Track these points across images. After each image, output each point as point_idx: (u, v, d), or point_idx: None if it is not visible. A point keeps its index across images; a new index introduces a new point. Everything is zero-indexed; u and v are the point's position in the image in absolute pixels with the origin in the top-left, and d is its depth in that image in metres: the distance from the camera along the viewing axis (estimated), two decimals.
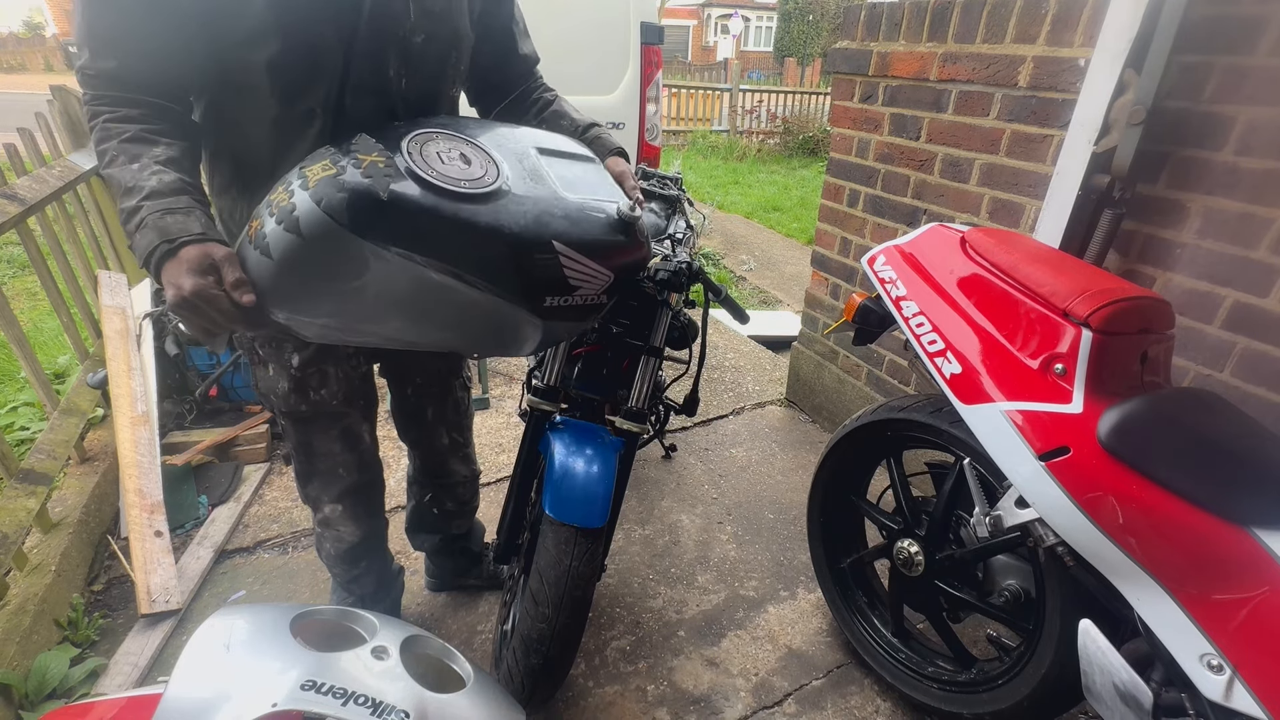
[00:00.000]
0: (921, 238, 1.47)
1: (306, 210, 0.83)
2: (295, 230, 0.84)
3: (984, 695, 1.43)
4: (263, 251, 0.86)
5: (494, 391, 2.94)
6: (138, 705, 0.85)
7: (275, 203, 0.87)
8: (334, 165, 0.86)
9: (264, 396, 1.32)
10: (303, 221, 0.83)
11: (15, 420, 2.47)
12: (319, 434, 1.36)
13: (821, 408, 2.82)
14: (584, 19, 3.19)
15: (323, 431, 1.36)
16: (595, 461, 1.37)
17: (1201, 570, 0.99)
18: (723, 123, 11.18)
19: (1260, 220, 1.42)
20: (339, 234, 0.84)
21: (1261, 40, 1.36)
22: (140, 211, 0.87)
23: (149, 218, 0.87)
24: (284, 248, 0.84)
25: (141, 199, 0.87)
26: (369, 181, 0.85)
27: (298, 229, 0.83)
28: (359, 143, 0.91)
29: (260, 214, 0.89)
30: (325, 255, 0.86)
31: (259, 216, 0.89)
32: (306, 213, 0.83)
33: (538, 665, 1.31)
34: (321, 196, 0.83)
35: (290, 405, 1.30)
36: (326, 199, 0.83)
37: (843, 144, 2.48)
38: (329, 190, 0.84)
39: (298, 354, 1.24)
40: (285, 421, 1.34)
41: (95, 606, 1.77)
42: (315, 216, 0.83)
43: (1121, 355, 1.14)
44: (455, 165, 0.93)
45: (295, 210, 0.84)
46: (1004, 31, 1.82)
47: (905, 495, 1.60)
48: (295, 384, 1.27)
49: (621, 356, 1.58)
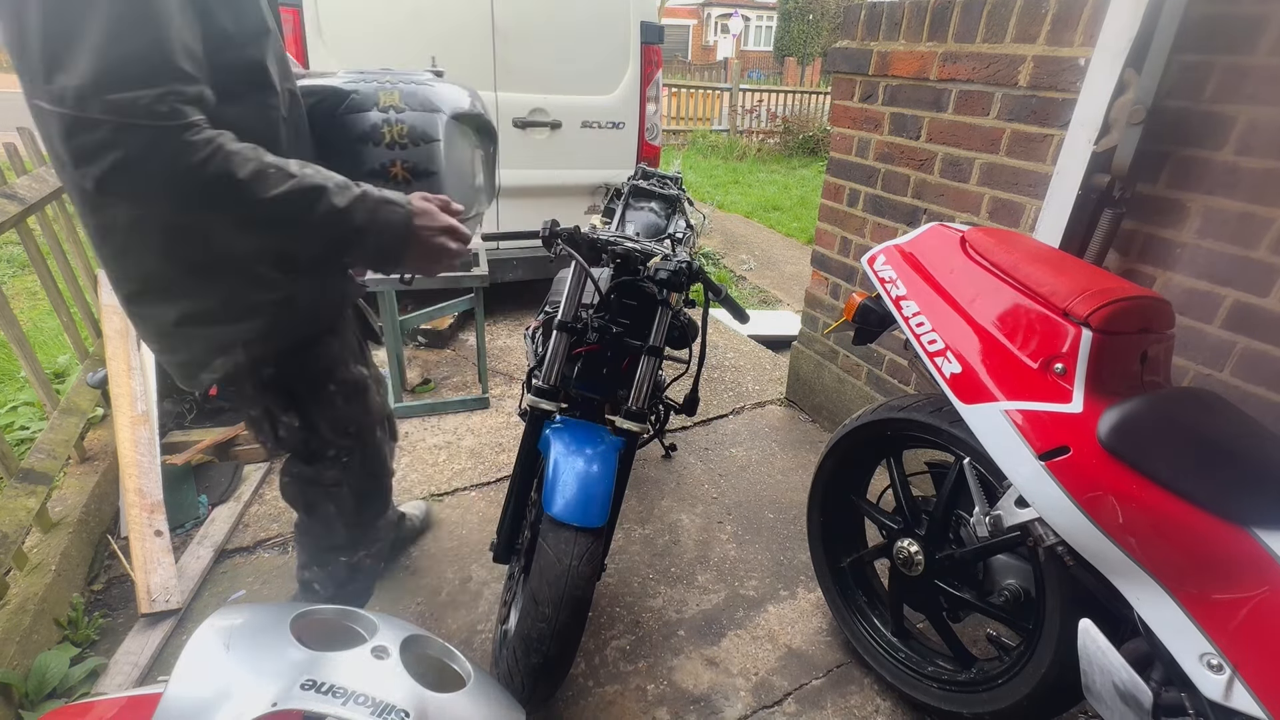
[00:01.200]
0: (921, 237, 1.47)
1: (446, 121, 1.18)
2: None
3: (984, 695, 1.43)
4: (424, 173, 1.15)
5: (494, 391, 2.94)
6: (138, 705, 0.85)
7: (404, 136, 1.14)
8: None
9: (343, 433, 1.28)
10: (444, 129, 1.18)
11: (15, 420, 2.47)
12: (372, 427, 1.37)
13: (821, 407, 2.82)
14: (584, 18, 3.19)
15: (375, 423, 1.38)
16: (595, 461, 1.37)
17: (1201, 570, 0.99)
18: (723, 122, 11.18)
19: (1260, 220, 1.41)
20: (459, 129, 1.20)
21: (1262, 39, 1.36)
22: (367, 196, 0.96)
23: (374, 196, 0.97)
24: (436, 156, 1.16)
25: (355, 188, 0.95)
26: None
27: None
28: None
29: (391, 158, 1.14)
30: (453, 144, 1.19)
31: (390, 160, 1.14)
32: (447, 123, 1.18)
33: (538, 664, 1.30)
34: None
35: (366, 422, 1.30)
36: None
37: (843, 143, 2.48)
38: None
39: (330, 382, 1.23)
40: (357, 443, 1.31)
41: (95, 606, 1.77)
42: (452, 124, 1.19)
43: (1121, 355, 1.14)
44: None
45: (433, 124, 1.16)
46: (1004, 31, 1.82)
47: (905, 495, 1.60)
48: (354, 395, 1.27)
49: (621, 356, 1.58)
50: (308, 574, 1.49)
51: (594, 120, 3.36)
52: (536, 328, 1.90)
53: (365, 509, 1.42)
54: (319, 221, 0.92)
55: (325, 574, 1.47)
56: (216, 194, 0.84)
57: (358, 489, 1.37)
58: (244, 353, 1.07)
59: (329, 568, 1.47)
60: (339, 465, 1.31)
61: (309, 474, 1.31)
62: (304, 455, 1.27)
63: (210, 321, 1.04)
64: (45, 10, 0.72)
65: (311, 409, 1.19)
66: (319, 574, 1.48)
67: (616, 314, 1.54)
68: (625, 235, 1.59)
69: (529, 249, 3.43)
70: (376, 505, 1.46)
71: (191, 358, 1.07)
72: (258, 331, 1.07)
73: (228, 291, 1.03)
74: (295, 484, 1.35)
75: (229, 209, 0.87)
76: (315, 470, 1.31)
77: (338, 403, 1.22)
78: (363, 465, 1.36)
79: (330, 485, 1.33)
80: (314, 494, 1.34)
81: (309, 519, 1.40)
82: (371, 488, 1.42)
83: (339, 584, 1.49)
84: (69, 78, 0.73)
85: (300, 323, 1.12)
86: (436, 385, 3.01)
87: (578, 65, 3.26)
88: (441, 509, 2.23)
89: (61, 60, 0.73)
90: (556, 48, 3.18)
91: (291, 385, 1.15)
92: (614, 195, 2.47)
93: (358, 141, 1.13)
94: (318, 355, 1.17)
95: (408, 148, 1.14)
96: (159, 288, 1.01)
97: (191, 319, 1.03)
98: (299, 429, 1.20)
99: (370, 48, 2.86)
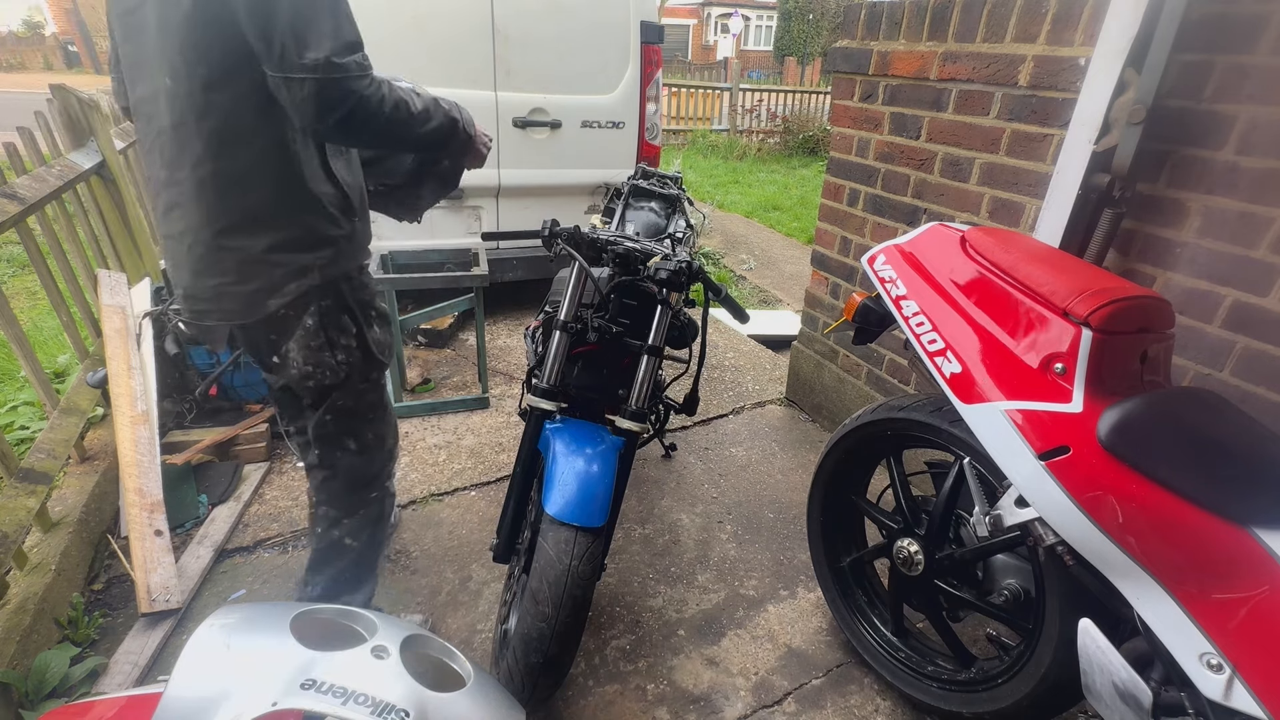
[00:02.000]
0: (921, 237, 1.47)
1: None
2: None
3: (983, 694, 1.43)
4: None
5: (494, 391, 2.94)
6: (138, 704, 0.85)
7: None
8: None
9: (382, 354, 1.45)
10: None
11: (15, 419, 2.47)
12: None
13: (821, 407, 2.82)
14: (584, 18, 3.19)
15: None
16: (595, 461, 1.37)
17: (1201, 569, 0.99)
18: (723, 122, 11.17)
19: (1260, 219, 1.41)
20: None
21: (1262, 39, 1.35)
22: (461, 111, 1.34)
23: (465, 113, 1.34)
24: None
25: (455, 109, 1.32)
26: None
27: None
28: None
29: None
30: None
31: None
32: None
33: (538, 664, 1.31)
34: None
35: (393, 347, 1.53)
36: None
37: (843, 143, 2.48)
38: None
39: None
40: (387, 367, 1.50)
41: (95, 605, 1.77)
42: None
43: (1121, 354, 1.14)
44: None
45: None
46: (1004, 30, 1.82)
47: (905, 494, 1.60)
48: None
49: (621, 356, 1.58)
50: (337, 531, 1.54)
51: (594, 120, 3.36)
52: (536, 327, 1.90)
53: (390, 433, 1.58)
54: (441, 128, 1.28)
55: (359, 519, 1.55)
56: (397, 116, 1.17)
57: (384, 413, 1.55)
58: (319, 275, 1.28)
59: (362, 509, 1.55)
60: (378, 388, 1.50)
61: (351, 404, 1.44)
62: (361, 375, 1.42)
63: (295, 249, 1.25)
64: (292, 6, 1.03)
65: (364, 330, 1.39)
66: (352, 524, 1.54)
67: (616, 314, 1.54)
68: (625, 235, 1.59)
69: (529, 249, 3.43)
70: (394, 431, 1.62)
71: (269, 283, 1.25)
72: (329, 258, 1.29)
73: (310, 225, 1.26)
74: (339, 417, 1.45)
75: (402, 124, 1.20)
76: (359, 395, 1.45)
77: (378, 326, 1.43)
78: (384, 392, 1.54)
79: (368, 410, 1.49)
80: (357, 422, 1.48)
81: (352, 453, 1.50)
82: (390, 412, 1.59)
83: (372, 525, 1.58)
84: (318, 51, 1.03)
85: (356, 253, 1.36)
86: (436, 385, 3.01)
87: (578, 65, 3.26)
88: (441, 509, 2.23)
89: (308, 41, 1.03)
90: (556, 47, 3.18)
91: (349, 309, 1.36)
92: (614, 195, 2.47)
93: None
94: (365, 284, 1.40)
95: None
96: (257, 218, 1.22)
97: (280, 246, 1.24)
98: (355, 349, 1.38)
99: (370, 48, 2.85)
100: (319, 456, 1.49)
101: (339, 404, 1.43)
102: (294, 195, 1.23)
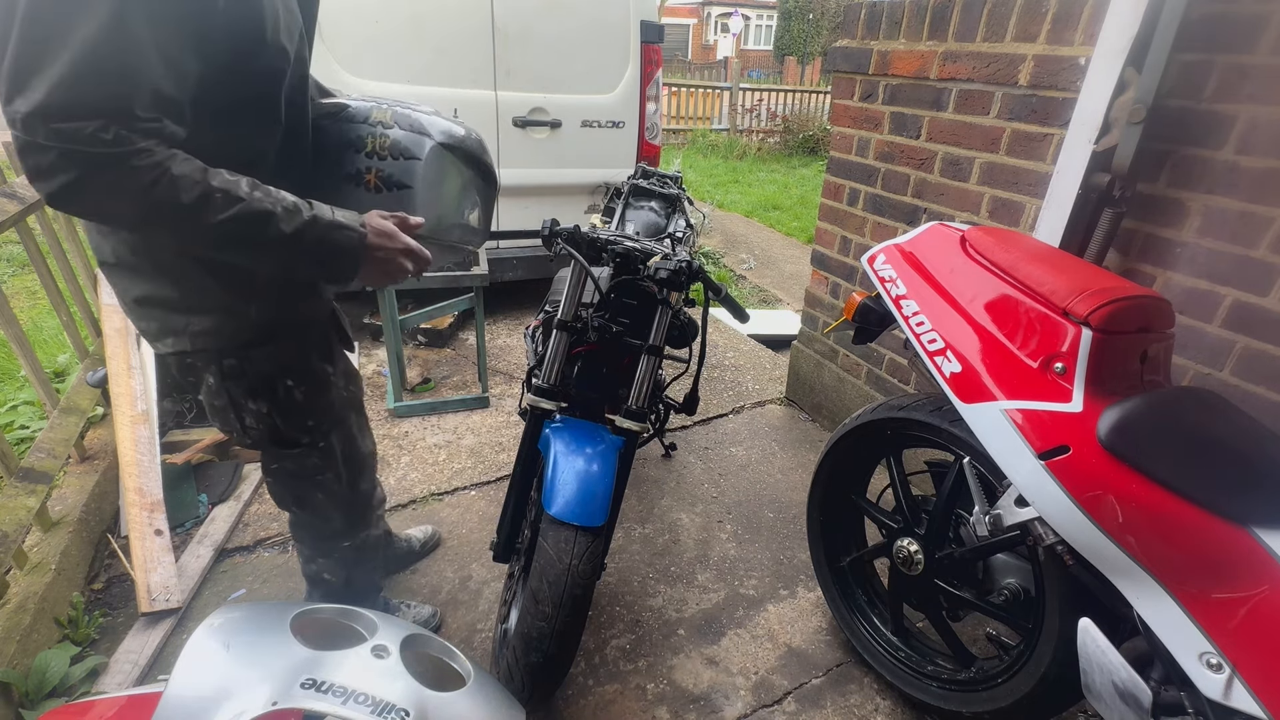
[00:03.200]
0: (921, 236, 1.47)
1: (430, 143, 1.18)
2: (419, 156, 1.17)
3: (983, 693, 1.43)
4: (397, 185, 1.16)
5: (494, 390, 2.94)
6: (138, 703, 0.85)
7: (385, 149, 1.15)
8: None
9: (297, 427, 1.27)
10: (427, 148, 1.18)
11: (15, 419, 2.47)
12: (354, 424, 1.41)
13: (821, 406, 2.82)
14: (584, 18, 3.19)
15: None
16: (595, 460, 1.37)
17: (1201, 569, 0.99)
18: (723, 121, 11.17)
19: (1260, 219, 1.41)
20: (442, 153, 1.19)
21: (1262, 38, 1.35)
22: (318, 222, 0.98)
23: (325, 221, 0.99)
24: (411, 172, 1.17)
25: (305, 212, 0.97)
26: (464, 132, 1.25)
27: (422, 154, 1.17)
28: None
29: (368, 165, 1.14)
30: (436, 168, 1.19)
31: (366, 168, 1.14)
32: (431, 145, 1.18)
33: (538, 663, 1.31)
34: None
35: (328, 415, 1.31)
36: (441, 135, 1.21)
37: (843, 143, 2.48)
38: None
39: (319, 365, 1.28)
40: (320, 433, 1.31)
41: (95, 605, 1.77)
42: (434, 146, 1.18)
43: (1121, 354, 1.14)
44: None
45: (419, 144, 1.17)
46: (1004, 30, 1.82)
47: (905, 494, 1.60)
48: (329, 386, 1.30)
49: (621, 355, 1.58)
50: (314, 566, 1.50)
51: (594, 119, 3.36)
52: (536, 327, 1.90)
53: (354, 488, 1.43)
54: (267, 245, 0.95)
55: (332, 562, 1.49)
56: (163, 216, 0.87)
57: (340, 472, 1.37)
58: (190, 342, 1.11)
59: (334, 555, 1.48)
60: (316, 451, 1.32)
61: (290, 467, 1.32)
62: (278, 443, 1.27)
63: (165, 307, 1.09)
64: (21, 36, 0.75)
65: (270, 401, 1.21)
66: (326, 564, 1.49)
67: (616, 313, 1.54)
68: (625, 234, 1.59)
69: (529, 248, 3.43)
70: (365, 482, 1.47)
71: (149, 329, 1.13)
72: (204, 326, 1.10)
73: (183, 286, 1.07)
74: (280, 479, 1.36)
75: (176, 229, 0.91)
76: (296, 460, 1.31)
77: (295, 397, 1.23)
78: (342, 447, 1.36)
79: (314, 473, 1.34)
80: (301, 486, 1.36)
81: (302, 512, 1.41)
82: (354, 468, 1.42)
83: (348, 568, 1.51)
84: (24, 103, 0.76)
85: (247, 330, 1.14)
86: (436, 384, 3.01)
87: (578, 64, 3.26)
88: (441, 508, 2.23)
89: (22, 85, 0.76)
90: (556, 47, 3.18)
91: (249, 377, 1.17)
92: (614, 194, 2.47)
93: (342, 147, 1.17)
94: (273, 354, 1.19)
95: (386, 159, 1.16)
96: (126, 266, 1.07)
97: (149, 300, 1.09)
98: (267, 415, 1.21)
99: (370, 48, 2.86)
100: (276, 504, 1.41)
101: (273, 467, 1.32)
102: (157, 252, 1.04)
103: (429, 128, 1.19)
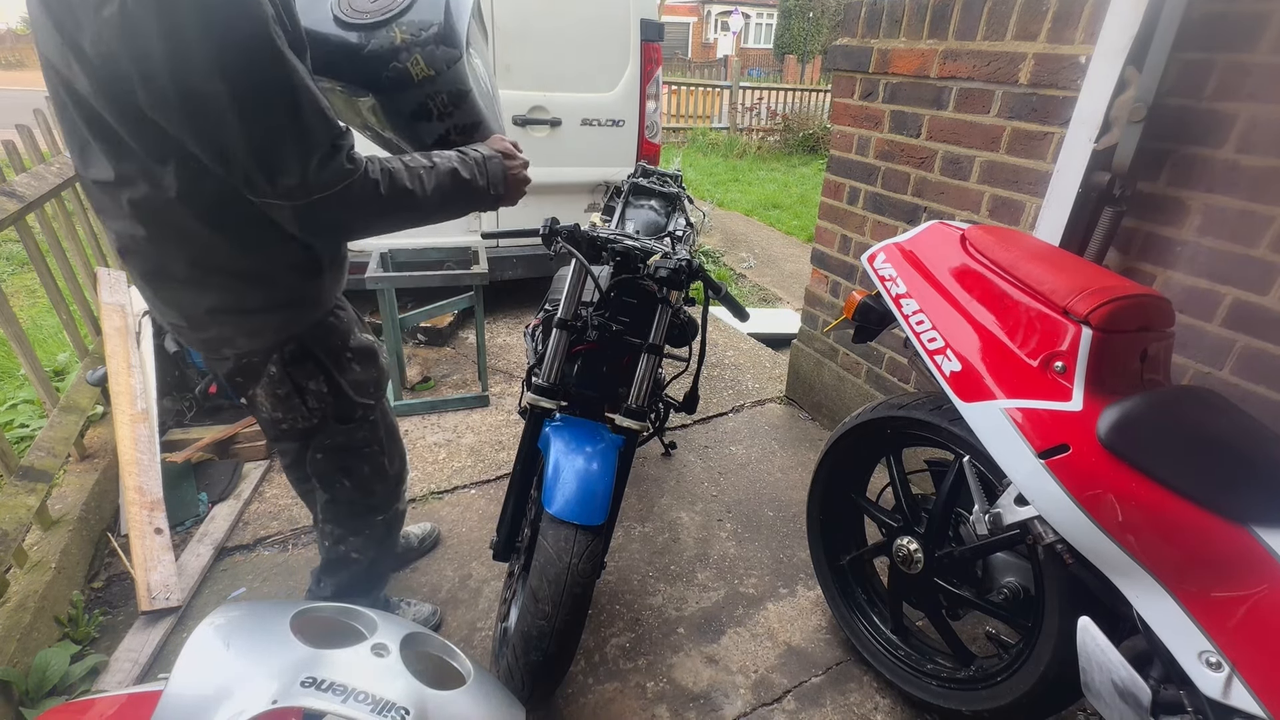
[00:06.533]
0: (921, 235, 1.47)
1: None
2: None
3: (983, 692, 1.44)
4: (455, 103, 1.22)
5: (493, 389, 2.94)
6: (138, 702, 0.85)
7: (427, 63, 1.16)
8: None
9: (364, 394, 1.34)
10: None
11: (15, 417, 2.47)
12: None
13: (821, 405, 2.83)
14: (584, 16, 3.19)
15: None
16: (595, 459, 1.37)
17: (1200, 568, 0.99)
18: (723, 120, 11.16)
19: (1260, 218, 1.41)
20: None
21: (1262, 37, 1.35)
22: (479, 161, 1.17)
23: (481, 156, 1.19)
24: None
25: (470, 154, 1.17)
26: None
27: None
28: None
29: (426, 95, 1.19)
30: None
31: (427, 97, 1.19)
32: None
33: (538, 662, 1.31)
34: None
35: (381, 380, 1.39)
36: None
37: (843, 141, 2.47)
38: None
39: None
40: (377, 401, 1.40)
41: (95, 604, 1.77)
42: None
43: (1121, 353, 1.14)
44: None
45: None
46: (1005, 28, 1.82)
47: (905, 493, 1.60)
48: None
49: (621, 354, 1.58)
50: (343, 548, 1.52)
51: (594, 118, 3.36)
52: (536, 326, 1.90)
53: (391, 459, 1.49)
54: (467, 193, 1.16)
55: (364, 539, 1.52)
56: (400, 206, 1.06)
57: (383, 443, 1.45)
58: (262, 340, 1.17)
59: (367, 531, 1.51)
60: (367, 424, 1.39)
61: (341, 441, 1.37)
62: (338, 418, 1.33)
63: (241, 311, 1.14)
64: (248, 133, 0.88)
65: (335, 375, 1.28)
66: (358, 541, 1.52)
67: (616, 312, 1.53)
68: (625, 233, 1.59)
69: (529, 247, 3.43)
70: (398, 454, 1.54)
71: (219, 336, 1.16)
72: (282, 319, 1.18)
73: (264, 286, 1.13)
74: (330, 455, 1.39)
75: (410, 213, 1.10)
76: (347, 434, 1.36)
77: (355, 367, 1.32)
78: (383, 420, 1.45)
79: (362, 446, 1.40)
80: (350, 459, 1.41)
81: (349, 485, 1.44)
82: (392, 439, 1.50)
83: (379, 543, 1.55)
84: (288, 178, 0.92)
85: (319, 308, 1.24)
86: (436, 383, 3.01)
87: (577, 63, 3.25)
88: (441, 507, 2.23)
89: (275, 168, 0.91)
90: (556, 45, 3.18)
91: (314, 357, 1.24)
92: (614, 193, 2.46)
93: (392, 90, 1.18)
94: (333, 328, 1.28)
95: (437, 78, 1.19)
96: (194, 281, 1.09)
97: (221, 309, 1.12)
98: (328, 394, 1.28)
99: None
100: (319, 484, 1.44)
101: (326, 443, 1.36)
102: (242, 262, 1.10)
103: (444, 15, 1.17)
